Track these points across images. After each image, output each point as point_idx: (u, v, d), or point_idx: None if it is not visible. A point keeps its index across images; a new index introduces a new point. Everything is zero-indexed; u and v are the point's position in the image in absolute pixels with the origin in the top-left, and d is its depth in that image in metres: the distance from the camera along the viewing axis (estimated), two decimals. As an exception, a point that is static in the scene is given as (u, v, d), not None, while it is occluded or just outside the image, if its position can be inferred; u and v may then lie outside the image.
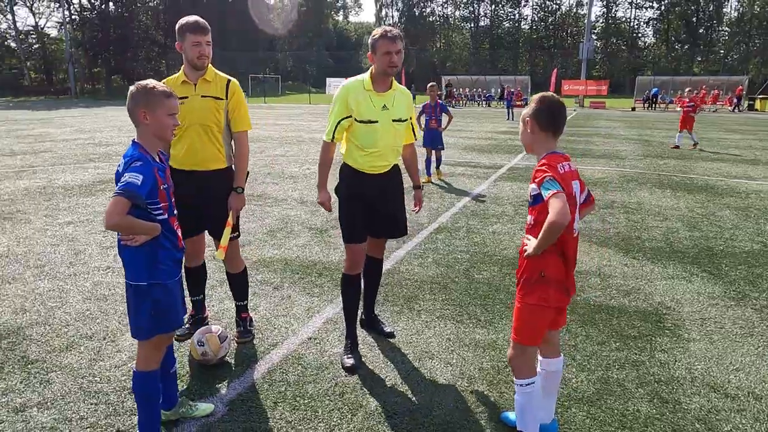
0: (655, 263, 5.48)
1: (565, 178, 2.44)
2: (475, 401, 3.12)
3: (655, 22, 78.27)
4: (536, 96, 2.57)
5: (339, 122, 3.41)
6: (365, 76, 3.44)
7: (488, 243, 6.11)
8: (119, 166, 2.45)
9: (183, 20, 3.45)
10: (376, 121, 3.38)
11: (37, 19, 73.30)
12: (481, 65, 75.78)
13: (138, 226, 2.38)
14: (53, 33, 74.12)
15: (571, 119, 28.32)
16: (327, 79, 52.73)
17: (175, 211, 2.63)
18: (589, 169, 11.48)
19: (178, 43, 3.46)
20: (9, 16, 68.63)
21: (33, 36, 72.41)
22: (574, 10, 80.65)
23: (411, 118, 3.62)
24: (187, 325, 3.89)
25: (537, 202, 2.42)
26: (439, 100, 9.93)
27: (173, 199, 2.60)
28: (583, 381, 3.32)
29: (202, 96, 3.50)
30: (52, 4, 69.70)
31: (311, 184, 9.39)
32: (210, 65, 3.56)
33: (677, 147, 15.36)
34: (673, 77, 48.14)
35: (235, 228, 3.71)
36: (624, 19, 79.94)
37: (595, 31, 77.00)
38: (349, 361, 3.46)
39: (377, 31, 3.37)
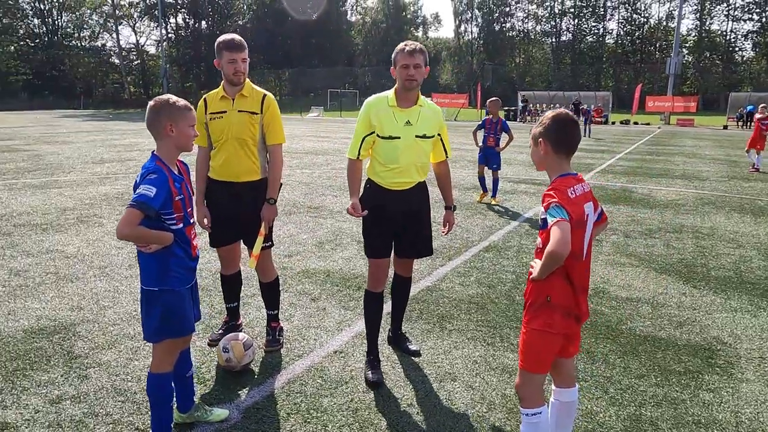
0: (718, 294, 5.07)
1: (576, 203, 2.32)
2: (490, 429, 3.00)
3: (754, 35, 73.17)
4: (549, 114, 2.47)
5: (363, 139, 3.41)
6: (390, 92, 3.43)
7: (538, 264, 5.89)
8: (138, 176, 2.58)
9: (221, 38, 3.60)
10: (398, 137, 3.35)
11: (138, 37, 79.53)
12: (562, 80, 73.84)
13: (149, 235, 2.49)
14: (152, 50, 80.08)
15: (653, 137, 26.96)
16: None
17: (192, 220, 2.72)
18: (663, 191, 10.85)
19: (216, 60, 3.62)
20: (114, 35, 74.86)
21: (134, 53, 78.44)
22: (664, 23, 77.00)
23: (440, 135, 3.52)
24: (220, 331, 4.02)
25: (545, 226, 2.32)
26: (501, 118, 9.45)
27: (189, 209, 2.70)
28: (612, 416, 3.11)
29: (239, 111, 3.63)
30: (152, 24, 75.18)
31: (369, 198, 9.47)
32: (248, 80, 3.69)
33: (757, 170, 14.17)
34: (772, 93, 44.58)
35: (268, 238, 3.79)
36: (719, 32, 75.34)
37: (687, 45, 73.09)
38: (373, 376, 3.44)
39: (398, 46, 3.36)
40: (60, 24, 74.96)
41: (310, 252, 6.26)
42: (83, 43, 76.70)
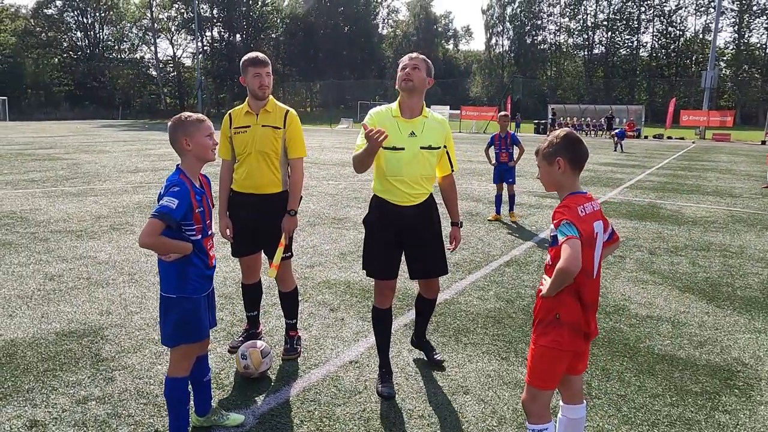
0: (742, 314, 4.98)
1: (586, 220, 2.36)
2: (500, 442, 3.02)
3: (796, 47, 71.16)
4: (560, 133, 2.51)
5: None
6: (393, 103, 3.46)
7: (558, 279, 5.87)
8: (162, 188, 2.72)
9: (245, 57, 3.76)
10: (402, 148, 3.32)
11: (175, 50, 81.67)
12: (594, 94, 72.96)
13: (169, 245, 2.63)
14: (188, 62, 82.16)
15: (686, 152, 26.41)
16: (432, 106, 53.43)
17: (210, 232, 2.85)
18: (692, 207, 10.65)
19: (241, 77, 3.77)
20: (152, 48, 77.17)
21: (170, 65, 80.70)
22: (700, 36, 75.55)
23: (446, 147, 3.51)
24: (240, 339, 4.14)
25: (555, 243, 2.36)
26: (509, 131, 9.12)
27: (208, 221, 2.83)
28: (623, 434, 3.10)
29: (263, 125, 3.77)
30: (188, 37, 77.28)
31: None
32: (271, 96, 3.83)
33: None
34: (814, 108, 43.23)
35: (288, 248, 3.90)
36: (758, 45, 73.50)
37: (725, 59, 71.53)
38: (384, 390, 3.49)
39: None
40: (101, 37, 77.84)
41: (332, 263, 6.36)
42: (123, 56, 79.35)
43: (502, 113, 9.43)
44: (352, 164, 3.38)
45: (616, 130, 27.93)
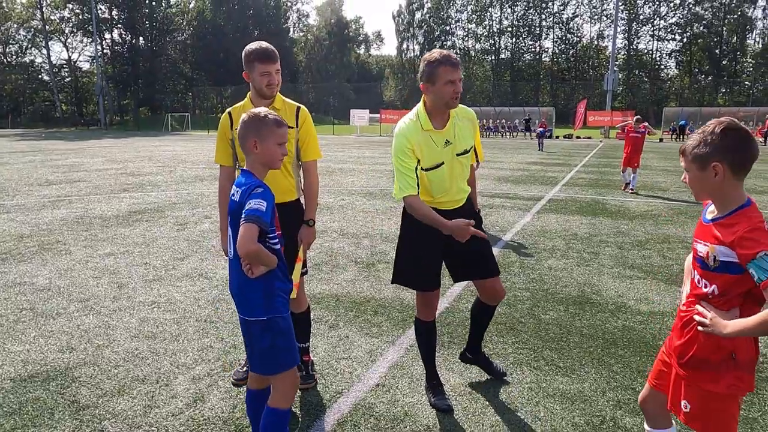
0: (734, 304, 5.09)
1: None
2: (577, 464, 2.77)
3: (677, 54, 78.16)
4: (715, 127, 1.90)
5: (416, 170, 2.94)
6: (416, 113, 2.99)
7: (546, 280, 5.78)
8: (233, 195, 2.41)
9: (250, 48, 3.26)
10: (442, 163, 3.02)
11: (70, 53, 76.10)
12: (502, 97, 76.09)
13: (265, 255, 2.31)
14: (85, 66, 76.70)
15: (600, 151, 28.02)
16: (351, 111, 53.09)
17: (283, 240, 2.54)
18: (633, 202, 11.11)
19: (245, 72, 3.29)
20: (44, 51, 71.30)
21: (66, 69, 74.94)
22: (596, 43, 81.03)
23: (476, 141, 3.31)
24: (245, 368, 3.63)
25: (727, 270, 1.91)
26: None
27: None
28: (694, 441, 2.95)
29: (271, 125, 3.30)
30: (85, 39, 72.13)
31: (348, 216, 9.18)
32: (278, 93, 3.38)
33: (631, 189, 12.50)
34: (700, 108, 47.54)
35: (304, 263, 3.47)
36: (646, 51, 79.97)
37: (617, 63, 77.07)
38: (441, 403, 3.23)
39: (433, 55, 2.88)
40: (-17, 39, 70.81)
41: (309, 275, 5.90)
42: (9, 59, 72.66)
43: None
44: (411, 208, 2.99)
45: (539, 130, 29.11)
